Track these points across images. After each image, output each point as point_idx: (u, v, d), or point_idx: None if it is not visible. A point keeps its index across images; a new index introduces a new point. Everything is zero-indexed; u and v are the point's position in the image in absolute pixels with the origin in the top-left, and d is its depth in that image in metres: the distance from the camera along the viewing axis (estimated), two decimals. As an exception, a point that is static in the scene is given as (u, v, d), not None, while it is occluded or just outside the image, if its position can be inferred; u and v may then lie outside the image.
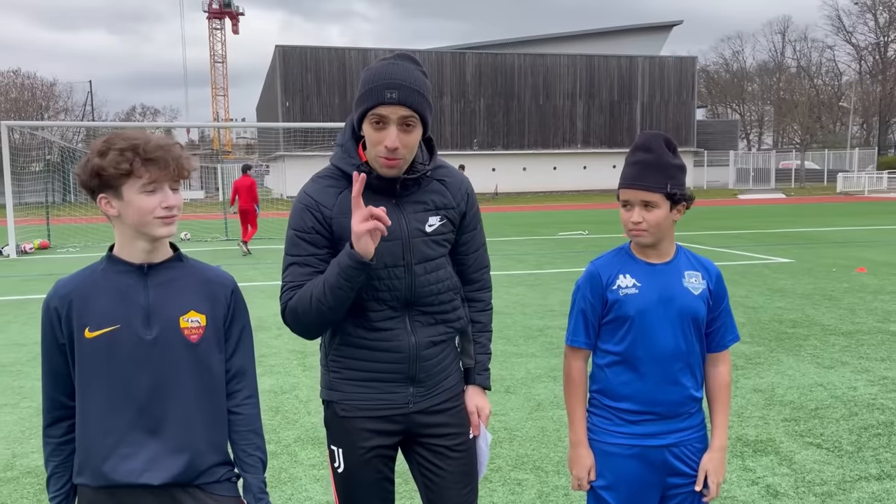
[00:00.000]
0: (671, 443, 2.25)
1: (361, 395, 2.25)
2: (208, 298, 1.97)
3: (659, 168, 2.16)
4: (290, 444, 4.59)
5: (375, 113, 2.06)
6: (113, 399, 1.88)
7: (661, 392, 2.22)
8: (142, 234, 1.89)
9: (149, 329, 1.88)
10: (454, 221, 2.28)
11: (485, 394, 2.44)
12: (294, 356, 6.80)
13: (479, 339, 2.42)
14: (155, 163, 1.82)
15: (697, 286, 2.25)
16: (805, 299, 9.23)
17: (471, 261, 2.38)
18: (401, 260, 2.17)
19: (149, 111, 78.41)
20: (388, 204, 2.16)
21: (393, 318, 2.21)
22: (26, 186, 22.19)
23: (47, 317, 1.92)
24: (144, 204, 1.84)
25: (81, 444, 1.92)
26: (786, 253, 14.32)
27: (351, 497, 2.30)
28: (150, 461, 1.88)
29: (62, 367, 1.92)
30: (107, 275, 1.92)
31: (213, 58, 75.05)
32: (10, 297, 10.55)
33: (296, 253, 2.18)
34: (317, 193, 2.19)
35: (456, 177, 2.32)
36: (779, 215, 26.55)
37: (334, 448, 2.30)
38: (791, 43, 75.44)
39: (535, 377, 5.98)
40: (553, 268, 12.89)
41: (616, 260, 2.29)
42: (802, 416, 4.93)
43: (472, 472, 2.37)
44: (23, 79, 50.69)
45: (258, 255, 15.75)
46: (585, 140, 50.72)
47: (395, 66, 2.08)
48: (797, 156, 57.76)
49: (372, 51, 47.03)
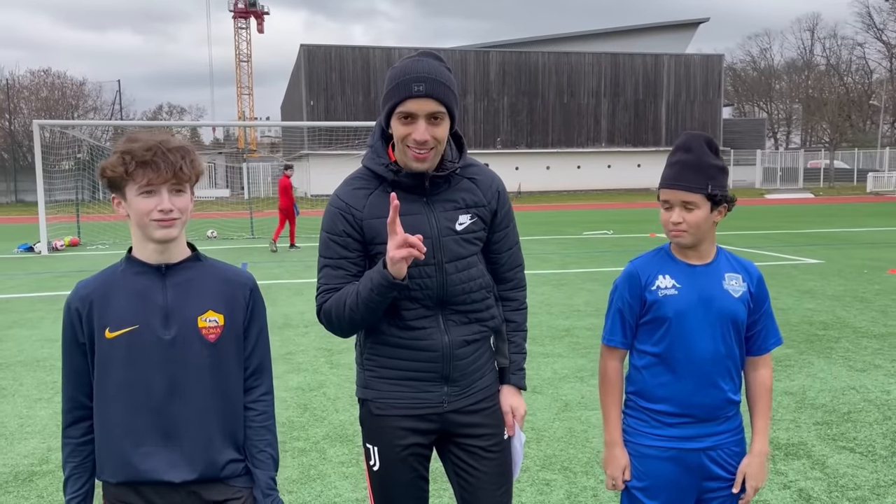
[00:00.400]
0: (708, 446, 2.23)
1: (396, 393, 2.26)
2: (227, 298, 1.99)
3: (699, 168, 2.14)
4: (318, 441, 4.63)
5: (403, 108, 2.08)
6: (133, 399, 1.90)
7: (698, 395, 2.20)
8: (143, 235, 1.93)
9: (167, 329, 1.90)
10: (485, 219, 2.28)
11: (520, 394, 2.44)
12: (321, 354, 6.84)
13: (513, 339, 2.41)
14: (148, 166, 1.84)
15: (738, 288, 2.22)
16: (835, 301, 9.09)
17: (504, 259, 2.38)
18: (431, 259, 2.17)
19: (175, 110, 79.34)
20: (418, 202, 2.18)
21: (426, 316, 2.22)
22: (56, 184, 22.56)
23: (68, 317, 1.94)
24: (142, 206, 1.87)
25: (103, 443, 1.94)
26: (815, 254, 14.12)
27: (386, 495, 2.31)
28: (170, 459, 1.91)
29: (82, 367, 1.94)
30: (126, 276, 1.95)
31: (238, 57, 75.68)
32: (43, 293, 10.73)
33: (328, 255, 2.22)
34: (347, 196, 2.22)
35: (486, 174, 2.32)
36: (807, 215, 26.18)
37: (370, 446, 2.31)
38: (820, 40, 74.38)
39: (562, 377, 5.96)
40: (578, 267, 12.83)
41: (656, 260, 2.28)
42: (835, 420, 4.86)
43: (506, 472, 2.37)
44: (53, 78, 51.53)
45: (284, 254, 15.87)
46: (610, 139, 50.41)
47: (420, 62, 2.10)
48: (826, 155, 56.89)
49: (396, 49, 47.12)
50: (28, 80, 50.74)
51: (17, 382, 6.07)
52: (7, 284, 11.71)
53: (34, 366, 6.59)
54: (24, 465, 4.35)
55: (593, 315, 8.44)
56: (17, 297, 10.38)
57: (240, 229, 21.71)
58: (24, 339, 7.69)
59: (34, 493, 3.96)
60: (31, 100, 49.44)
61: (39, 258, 15.87)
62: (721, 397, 2.22)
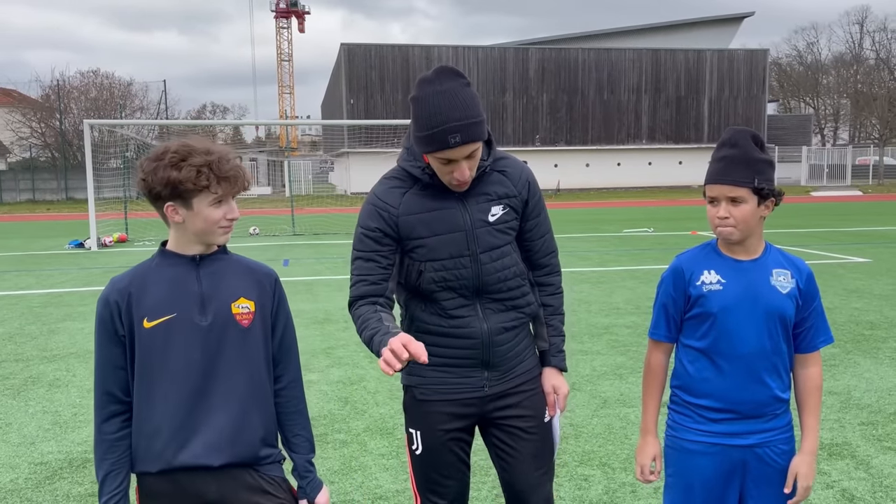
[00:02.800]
0: (754, 443, 2.22)
1: (438, 379, 2.35)
2: (256, 286, 2.08)
3: (745, 163, 2.13)
4: (359, 434, 4.71)
5: (442, 156, 2.16)
6: (172, 385, 1.96)
7: (743, 391, 2.19)
8: (202, 240, 2.01)
9: (204, 315, 1.97)
10: (517, 209, 2.37)
11: (561, 374, 2.51)
12: (361, 348, 6.93)
13: (551, 322, 2.50)
14: (228, 181, 1.95)
15: (786, 285, 2.20)
16: (884, 300, 8.89)
17: (538, 246, 2.46)
18: (466, 250, 2.28)
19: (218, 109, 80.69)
20: (451, 198, 2.29)
21: (465, 305, 2.32)
22: (105, 182, 23.18)
23: (106, 311, 1.98)
24: (213, 215, 1.96)
25: (141, 432, 1.98)
26: (863, 252, 13.79)
27: (428, 478, 2.39)
28: (209, 443, 1.96)
29: (119, 361, 1.98)
30: (160, 268, 2.02)
31: (279, 56, 76.61)
32: (93, 287, 11.06)
33: (361, 249, 2.33)
34: (384, 195, 2.32)
35: (516, 166, 2.41)
36: (855, 213, 25.52)
37: (412, 431, 2.41)
38: (870, 34, 72.16)
39: (601, 374, 5.95)
40: (618, 265, 12.74)
41: (701, 255, 2.28)
42: (880, 420, 4.78)
43: (546, 454, 2.45)
44: (101, 79, 52.85)
45: (324, 250, 16.07)
46: (651, 135, 49.76)
47: (444, 96, 2.09)
48: (875, 151, 55.34)
49: (435, 48, 47.21)
50: (77, 81, 52.14)
51: (71, 373, 6.29)
52: (59, 279, 12.10)
53: (86, 357, 6.81)
54: (78, 452, 4.52)
55: (633, 313, 8.39)
56: (69, 292, 10.72)
57: (282, 225, 22.03)
58: (77, 331, 7.95)
59: (88, 478, 4.11)
60: (81, 100, 50.72)
61: (89, 254, 16.34)
62: (767, 394, 2.21)
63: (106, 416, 1.99)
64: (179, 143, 1.96)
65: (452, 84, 2.12)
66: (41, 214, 34.18)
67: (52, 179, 45.48)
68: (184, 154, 1.92)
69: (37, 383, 6.01)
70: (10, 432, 4.88)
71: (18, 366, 6.57)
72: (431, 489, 2.39)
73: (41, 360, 6.78)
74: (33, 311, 9.15)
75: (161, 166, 1.92)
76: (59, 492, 3.96)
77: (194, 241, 2.01)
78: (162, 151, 1.95)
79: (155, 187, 1.94)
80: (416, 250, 2.29)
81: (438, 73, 2.14)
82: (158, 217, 2.04)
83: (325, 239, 17.38)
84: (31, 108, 50.54)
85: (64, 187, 44.51)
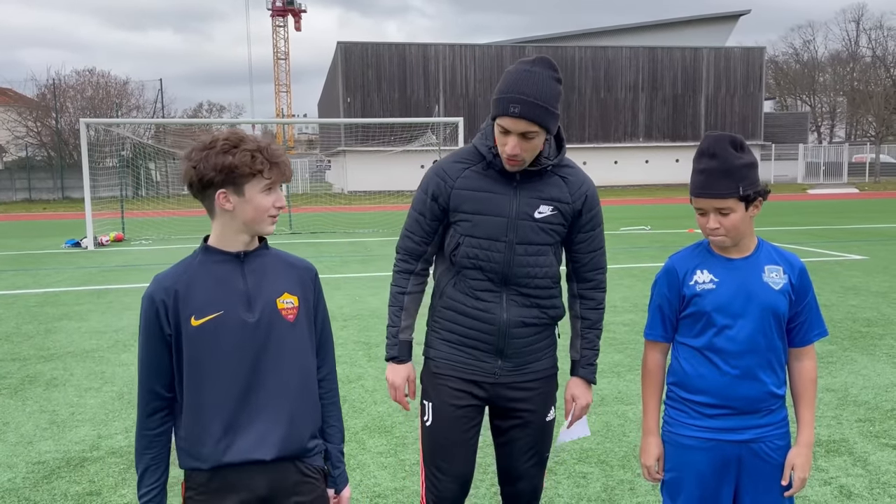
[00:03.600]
0: (749, 438, 2.24)
1: (453, 355, 2.45)
2: (298, 281, 2.10)
3: (727, 173, 2.14)
4: (357, 432, 4.71)
5: (501, 123, 2.27)
6: (221, 382, 1.96)
7: (738, 387, 2.21)
8: (249, 230, 2.00)
9: (251, 312, 1.98)
10: (566, 216, 2.44)
11: (589, 387, 2.59)
12: (359, 347, 6.94)
13: (586, 335, 2.57)
14: (278, 166, 1.97)
15: (778, 281, 2.22)
16: (881, 297, 8.91)
17: (586, 259, 2.53)
18: (504, 236, 2.37)
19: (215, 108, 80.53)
20: (507, 185, 2.39)
21: (491, 291, 2.41)
22: (101, 181, 23.12)
23: (153, 309, 1.96)
24: (264, 202, 1.96)
25: (191, 430, 1.98)
26: (859, 250, 13.82)
27: (434, 451, 2.47)
28: (260, 438, 1.97)
29: (164, 359, 1.98)
30: (205, 265, 2.01)
31: (276, 54, 76.50)
32: (90, 286, 11.04)
33: (414, 207, 2.55)
34: (448, 166, 2.48)
35: (578, 176, 2.49)
36: (851, 211, 25.57)
37: (425, 402, 2.51)
38: (866, 31, 72.24)
39: (599, 372, 5.92)
40: (615, 263, 12.75)
41: (694, 255, 2.30)
42: (878, 417, 4.79)
43: (541, 449, 2.56)
44: (97, 77, 52.69)
45: (322, 249, 16.06)
46: (648, 134, 49.81)
47: (528, 74, 2.25)
48: (872, 149, 55.43)
49: (432, 46, 47.16)
50: (73, 80, 51.98)
51: (68, 373, 6.28)
52: (56, 278, 12.08)
53: (83, 356, 6.80)
54: (76, 451, 4.51)
55: (630, 311, 8.40)
56: (66, 291, 10.70)
57: (279, 224, 21.96)
58: (74, 330, 7.94)
59: (85, 477, 4.11)
60: (77, 99, 50.59)
61: (86, 253, 16.30)
62: (762, 390, 2.22)
63: (150, 412, 2.01)
64: (229, 130, 1.99)
65: (542, 70, 2.29)
66: (37, 214, 34.10)
67: (48, 178, 45.37)
68: (235, 141, 1.93)
69: (34, 383, 6.00)
70: (8, 432, 4.87)
71: (15, 365, 6.56)
72: (436, 463, 2.47)
73: (38, 359, 6.76)
74: (30, 311, 9.13)
75: (213, 153, 1.91)
76: (57, 491, 3.95)
77: (241, 232, 1.99)
78: (212, 140, 1.94)
79: (208, 173, 1.91)
80: (460, 223, 2.42)
81: (537, 59, 2.32)
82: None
83: (322, 237, 17.37)
84: (27, 107, 50.33)
85: (60, 186, 44.40)
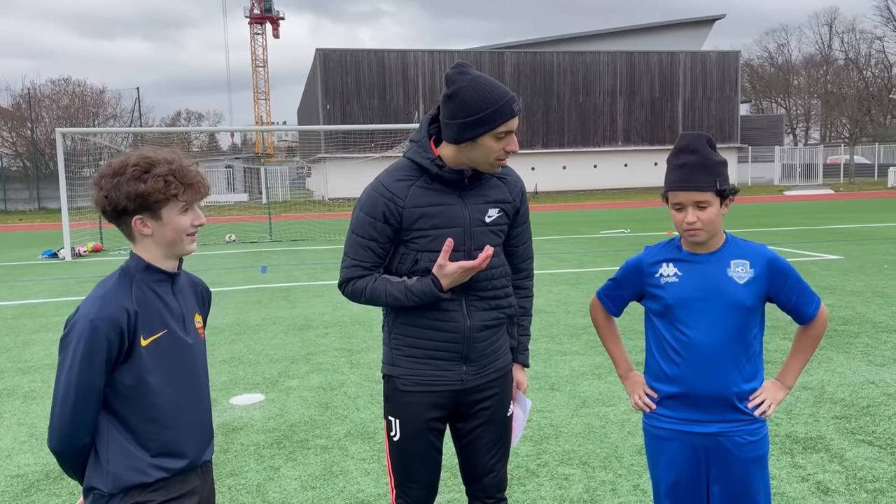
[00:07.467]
0: (716, 431, 2.30)
1: (419, 371, 2.46)
2: (199, 299, 2.19)
3: (706, 167, 2.24)
4: (340, 439, 4.71)
5: (506, 127, 2.29)
6: (171, 395, 2.01)
7: (702, 381, 2.28)
8: (172, 251, 2.01)
9: (186, 332, 2.05)
10: (509, 214, 2.52)
11: (523, 370, 2.72)
12: (342, 354, 6.93)
13: (521, 322, 2.68)
14: (193, 187, 1.96)
15: (743, 275, 2.28)
16: (855, 296, 9.05)
17: (520, 251, 2.63)
18: (461, 245, 2.39)
19: (193, 116, 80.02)
20: (453, 195, 2.40)
21: (452, 300, 2.42)
22: (78, 191, 22.84)
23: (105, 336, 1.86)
24: (181, 223, 1.97)
25: (155, 439, 1.98)
26: (835, 250, 14.02)
27: (404, 464, 2.52)
28: (204, 444, 2.12)
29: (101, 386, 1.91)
30: (146, 284, 1.99)
31: (254, 62, 76.15)
32: (68, 297, 10.92)
33: (361, 234, 2.41)
34: (392, 186, 2.40)
35: (514, 175, 2.58)
36: (827, 211, 25.93)
37: (392, 419, 2.52)
38: (839, 35, 73.48)
39: (580, 374, 6.00)
40: (595, 266, 12.84)
41: (665, 250, 2.40)
42: (853, 414, 4.87)
43: (504, 443, 2.61)
44: (73, 87, 52.16)
45: (302, 256, 16.01)
46: (626, 138, 50.19)
47: (484, 79, 2.29)
48: (846, 150, 56.27)
49: (410, 52, 47.24)
50: (49, 90, 51.45)
51: (46, 385, 6.20)
52: (33, 290, 11.93)
53: (62, 368, 6.72)
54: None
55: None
56: (43, 303, 10.58)
57: (259, 232, 21.90)
58: (51, 342, 7.84)
59: (65, 490, 4.07)
60: (52, 108, 50.08)
61: (63, 264, 16.13)
62: (727, 384, 2.28)
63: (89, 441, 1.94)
64: (137, 154, 1.93)
65: (479, 71, 2.32)
66: (13, 225, 33.66)
67: (23, 189, 44.81)
68: (145, 166, 1.90)
69: (11, 395, 5.93)
70: (-15, 446, 4.81)
71: (-8, 378, 6.47)
72: (406, 474, 2.52)
73: (15, 371, 6.68)
74: (6, 323, 9.01)
75: (124, 181, 1.88)
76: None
77: (164, 254, 2.00)
78: (121, 165, 1.90)
79: (120, 202, 1.89)
80: (416, 240, 2.39)
81: (462, 66, 2.32)
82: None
83: (302, 245, 17.32)
84: (1, 118, 49.76)
85: (36, 197, 43.87)
